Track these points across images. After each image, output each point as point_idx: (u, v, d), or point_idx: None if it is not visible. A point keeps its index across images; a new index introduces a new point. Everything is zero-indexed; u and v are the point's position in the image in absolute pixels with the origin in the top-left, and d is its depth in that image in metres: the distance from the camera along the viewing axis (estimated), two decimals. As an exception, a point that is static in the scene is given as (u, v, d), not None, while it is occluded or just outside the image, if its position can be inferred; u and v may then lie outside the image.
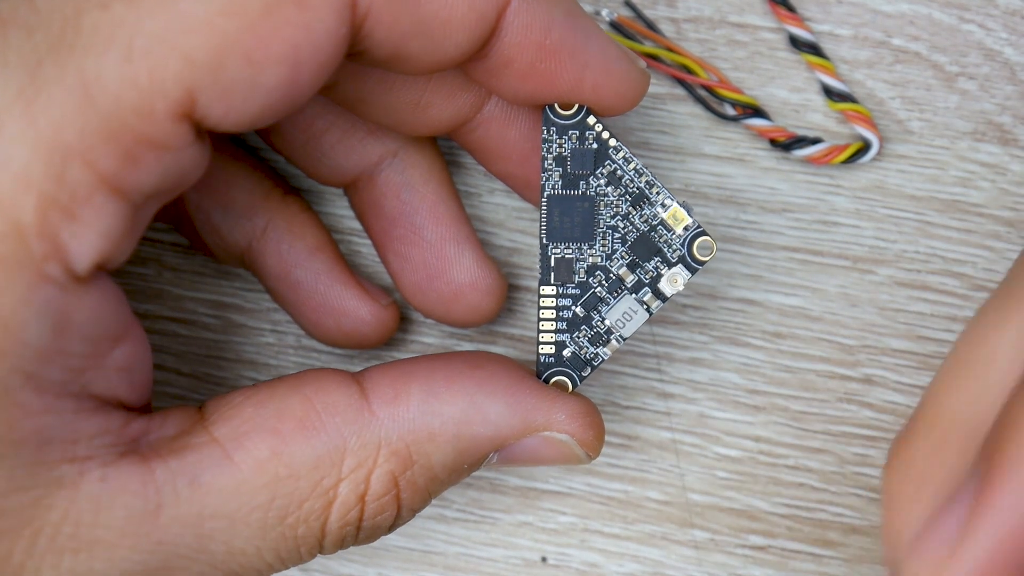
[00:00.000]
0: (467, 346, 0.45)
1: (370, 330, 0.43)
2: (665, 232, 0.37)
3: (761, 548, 0.44)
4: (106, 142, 0.30)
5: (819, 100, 0.44)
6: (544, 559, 0.45)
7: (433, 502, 0.41)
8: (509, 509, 0.45)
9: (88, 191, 0.30)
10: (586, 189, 0.37)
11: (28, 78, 0.30)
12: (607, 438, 0.44)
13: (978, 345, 0.31)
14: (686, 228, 0.37)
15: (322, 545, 0.36)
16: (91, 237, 0.31)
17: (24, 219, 0.30)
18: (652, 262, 0.37)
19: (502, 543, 0.45)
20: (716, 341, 0.44)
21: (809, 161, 0.44)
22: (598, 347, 0.38)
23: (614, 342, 0.38)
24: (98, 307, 0.32)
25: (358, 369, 0.38)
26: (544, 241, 0.38)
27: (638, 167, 0.37)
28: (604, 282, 0.38)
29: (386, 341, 0.43)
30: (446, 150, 0.44)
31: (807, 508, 0.44)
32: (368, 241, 0.44)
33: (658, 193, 0.37)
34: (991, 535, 0.28)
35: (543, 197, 0.38)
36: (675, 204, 0.37)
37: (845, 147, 0.43)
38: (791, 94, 0.44)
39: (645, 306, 0.38)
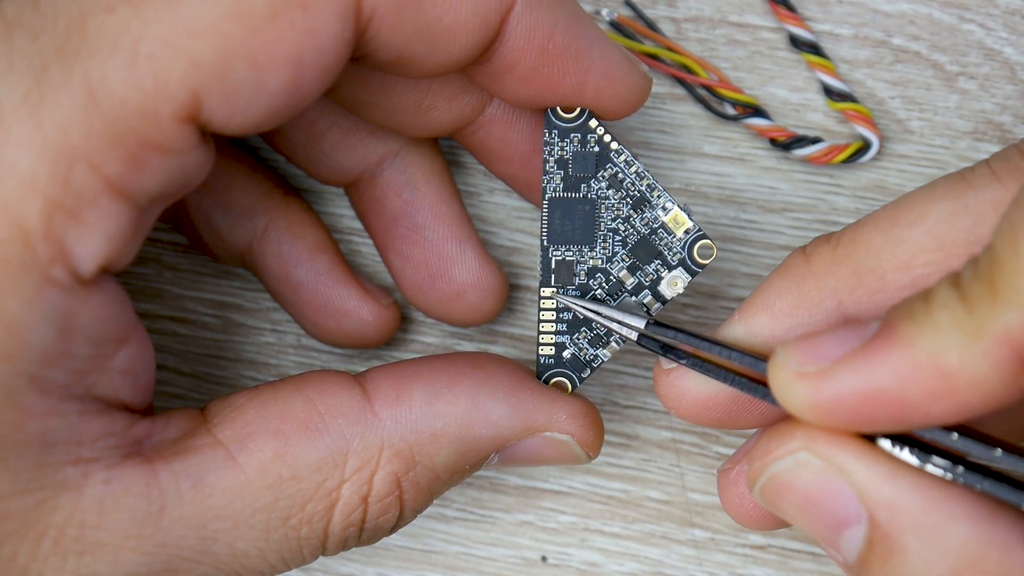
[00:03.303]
0: (468, 346, 0.45)
1: (371, 330, 0.43)
2: (666, 235, 0.37)
3: (761, 547, 0.44)
4: (111, 145, 0.30)
5: (819, 99, 0.44)
6: (544, 558, 0.45)
7: (434, 501, 0.41)
8: (509, 508, 0.45)
9: (93, 194, 0.30)
10: (587, 192, 0.38)
11: (34, 81, 0.30)
12: (607, 437, 0.44)
13: (908, 207, 0.33)
14: (687, 231, 0.37)
15: (325, 546, 0.36)
16: (96, 240, 0.31)
17: (30, 222, 0.30)
18: (652, 265, 0.38)
19: (502, 542, 0.45)
20: (716, 340, 0.44)
21: (809, 160, 0.44)
22: (598, 349, 0.38)
23: (614, 344, 0.38)
24: (102, 310, 0.32)
25: (359, 369, 0.38)
26: (545, 243, 0.38)
27: (639, 170, 0.37)
28: (604, 284, 0.38)
29: (387, 341, 0.43)
30: (447, 150, 0.44)
31: (807, 507, 0.44)
32: (369, 241, 0.44)
33: (659, 196, 0.37)
34: (871, 375, 0.29)
35: (544, 199, 0.38)
36: (676, 208, 0.37)
37: (845, 146, 0.43)
38: (791, 93, 0.44)
39: (645, 308, 0.38)
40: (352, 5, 0.32)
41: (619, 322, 0.37)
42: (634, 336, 0.36)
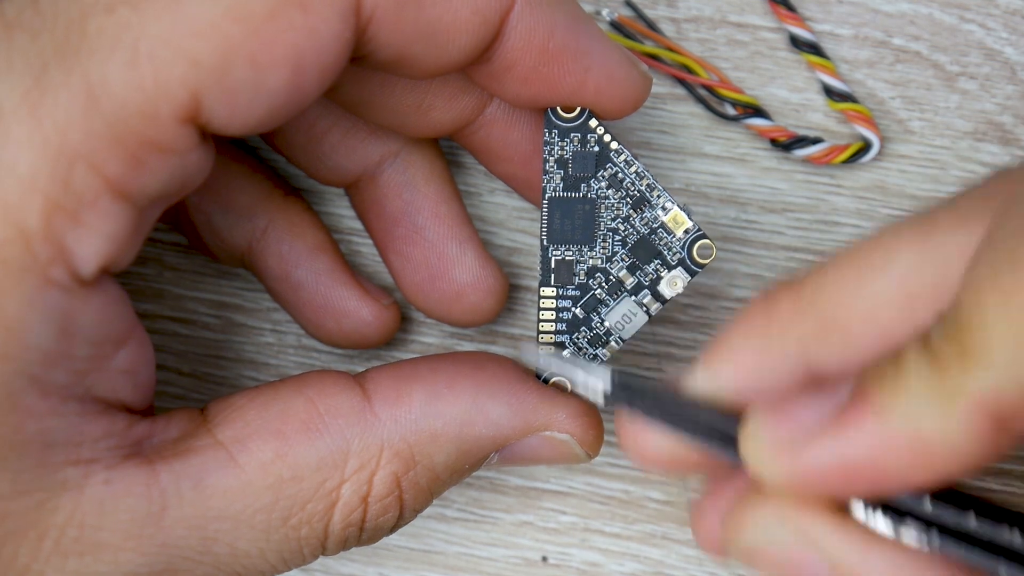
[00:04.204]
0: (468, 346, 0.45)
1: (371, 330, 0.43)
2: (665, 235, 0.37)
3: (761, 547, 0.44)
4: (111, 146, 0.30)
5: (820, 100, 0.44)
6: (545, 559, 0.45)
7: (434, 502, 0.41)
8: (510, 509, 0.45)
9: (93, 195, 0.30)
10: (587, 191, 0.38)
11: (33, 82, 0.30)
12: (608, 438, 0.44)
13: (872, 253, 0.32)
14: (686, 231, 0.37)
15: (325, 546, 0.36)
16: (96, 241, 0.31)
17: (30, 223, 0.30)
18: (652, 265, 0.38)
19: (503, 543, 0.45)
20: (716, 340, 0.44)
21: (810, 161, 0.44)
22: (597, 348, 0.38)
23: (613, 343, 0.38)
24: (102, 310, 0.32)
25: (360, 369, 0.38)
26: (545, 243, 0.38)
27: (639, 170, 0.37)
28: (604, 284, 0.38)
29: (387, 341, 0.43)
30: (447, 150, 0.44)
31: (807, 507, 0.44)
32: (369, 241, 0.44)
33: (659, 196, 0.37)
34: (846, 447, 0.29)
35: (544, 199, 0.38)
36: (676, 207, 0.37)
37: (846, 147, 0.43)
38: (792, 94, 0.44)
39: (644, 308, 0.38)
40: (352, 5, 0.32)
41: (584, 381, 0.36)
42: (600, 400, 0.35)
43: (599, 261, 0.38)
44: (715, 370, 0.34)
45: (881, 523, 0.30)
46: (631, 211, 0.38)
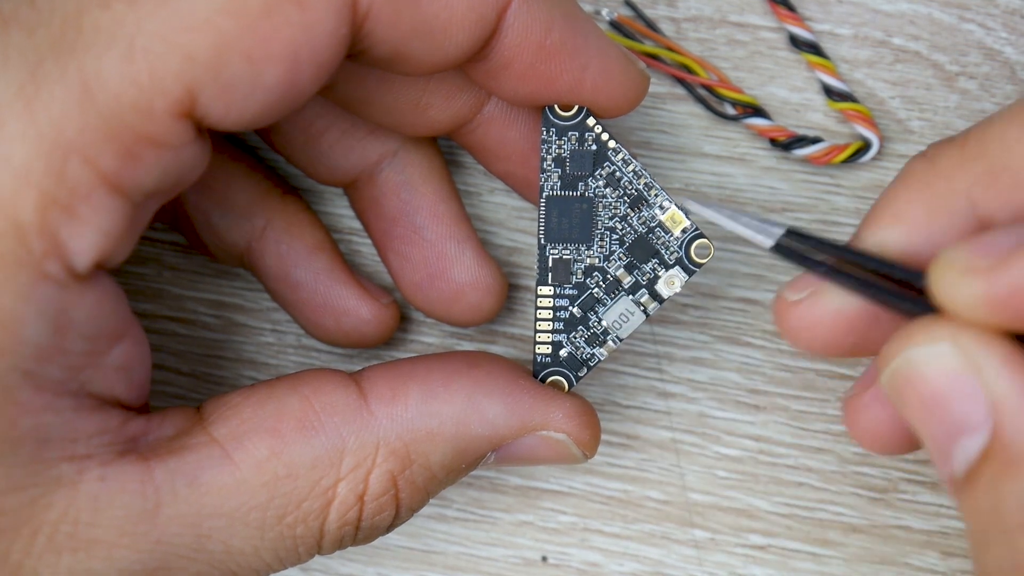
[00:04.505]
0: (467, 345, 0.45)
1: (370, 329, 0.43)
2: (663, 234, 0.37)
3: (761, 547, 0.44)
4: (106, 140, 0.30)
5: (819, 99, 0.44)
6: (544, 558, 0.45)
7: (433, 501, 0.41)
8: (509, 508, 0.45)
9: (88, 189, 0.30)
10: (585, 190, 0.38)
11: (29, 76, 0.30)
12: (607, 437, 0.44)
13: None
14: (684, 230, 0.37)
15: (320, 545, 0.36)
16: (91, 235, 0.31)
17: (24, 217, 0.30)
18: (650, 264, 0.37)
19: (502, 542, 0.45)
20: (716, 340, 0.44)
21: (809, 160, 0.44)
22: (595, 348, 0.38)
23: (611, 343, 0.38)
24: (97, 305, 0.32)
25: (358, 369, 0.38)
26: (542, 242, 0.38)
27: (637, 169, 0.37)
28: (601, 283, 0.38)
29: (386, 340, 0.43)
30: (446, 149, 0.44)
31: (807, 507, 0.44)
32: (368, 241, 0.44)
33: (656, 195, 0.37)
34: None
35: (542, 198, 0.38)
36: (673, 206, 0.37)
37: (845, 146, 0.43)
38: (791, 93, 0.44)
39: (642, 307, 0.38)
40: (348, 0, 0.32)
41: (754, 231, 0.34)
42: (770, 243, 0.33)
43: (597, 260, 0.38)
44: (882, 232, 0.33)
45: None
46: (629, 210, 0.38)
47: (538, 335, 0.38)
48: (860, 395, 0.35)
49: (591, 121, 0.37)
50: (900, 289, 0.31)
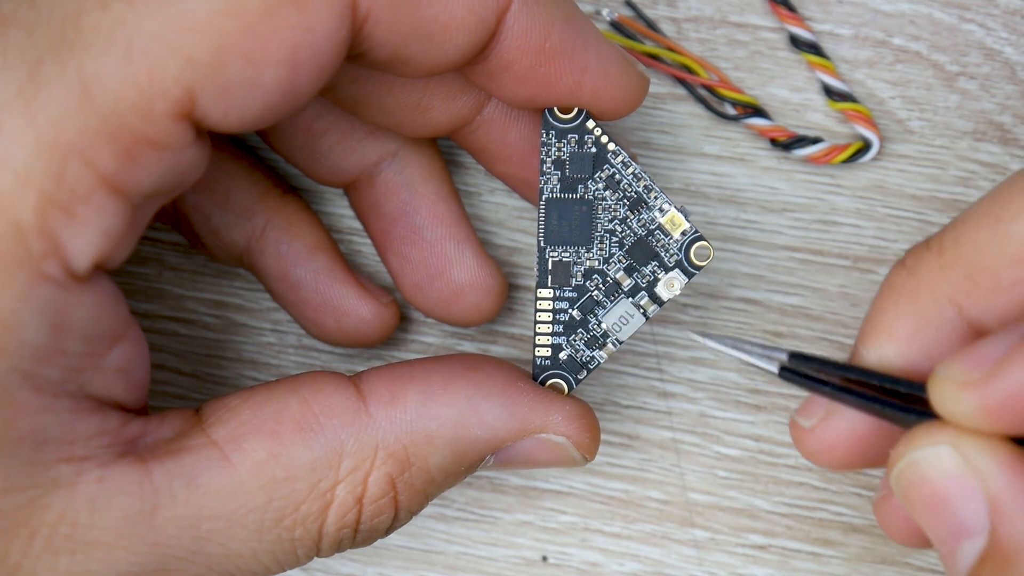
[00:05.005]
0: (468, 345, 0.45)
1: (370, 328, 0.43)
2: (662, 237, 0.37)
3: (761, 547, 0.44)
4: (106, 141, 0.30)
5: (819, 99, 0.44)
6: (545, 558, 0.45)
7: (433, 501, 0.41)
8: (510, 508, 0.45)
9: (87, 190, 0.30)
10: (584, 193, 0.38)
11: (28, 77, 0.30)
12: (608, 437, 0.44)
13: (1009, 198, 0.32)
14: (683, 233, 0.37)
15: (319, 547, 0.36)
16: (90, 236, 0.31)
17: (23, 218, 0.30)
18: (649, 266, 0.37)
19: (503, 542, 0.45)
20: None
21: (809, 160, 0.44)
22: (594, 350, 0.38)
23: (610, 345, 0.38)
24: (96, 307, 0.32)
25: (359, 369, 0.38)
26: (542, 244, 0.38)
27: (636, 171, 0.37)
28: (601, 286, 0.38)
29: (386, 339, 0.43)
30: (446, 149, 0.44)
31: (807, 507, 0.44)
32: (368, 241, 0.44)
33: (656, 198, 0.37)
34: None
35: (541, 200, 0.38)
36: (673, 209, 0.37)
37: (845, 146, 0.43)
38: (791, 94, 0.44)
39: (642, 310, 0.38)
40: (348, 3, 0.32)
41: (760, 357, 0.34)
42: (775, 369, 0.34)
43: (596, 263, 0.38)
44: (879, 350, 0.34)
45: None
46: (628, 212, 0.38)
47: (538, 338, 0.38)
48: (889, 497, 0.35)
49: (590, 124, 0.37)
50: (905, 402, 0.32)
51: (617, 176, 0.37)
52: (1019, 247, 0.31)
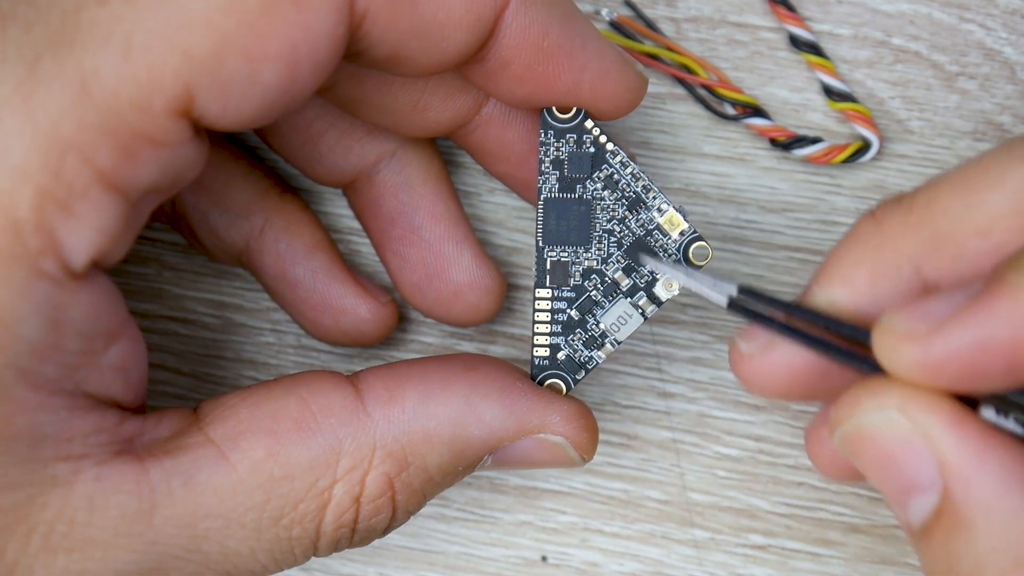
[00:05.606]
0: (467, 345, 0.45)
1: (369, 328, 0.43)
2: (661, 237, 0.37)
3: (761, 547, 0.44)
4: (104, 137, 0.30)
5: (819, 99, 0.44)
6: (544, 558, 0.45)
7: (433, 501, 0.41)
8: (509, 508, 0.45)
9: (85, 186, 0.30)
10: (583, 193, 0.37)
11: (26, 72, 0.30)
12: (607, 437, 0.44)
13: (986, 170, 0.32)
14: (682, 233, 0.37)
15: (317, 547, 0.36)
16: (87, 232, 0.31)
17: (20, 213, 0.30)
18: (648, 266, 0.37)
19: (502, 542, 0.45)
20: (716, 340, 0.44)
21: (809, 160, 0.44)
22: (593, 350, 0.38)
23: (609, 345, 0.38)
24: (94, 304, 0.32)
25: (358, 369, 0.38)
26: (540, 244, 0.38)
27: (635, 171, 0.37)
28: (599, 286, 0.38)
29: (385, 339, 0.43)
30: (444, 150, 0.44)
31: (807, 507, 0.44)
32: (367, 241, 0.44)
33: (654, 198, 0.37)
34: (982, 327, 0.28)
35: (540, 200, 0.38)
36: (671, 209, 0.37)
37: (845, 146, 0.43)
38: (791, 93, 0.44)
39: (640, 310, 0.38)
40: (346, 1, 0.32)
41: (709, 288, 0.35)
42: (724, 303, 0.34)
43: (595, 262, 0.38)
44: (831, 292, 0.33)
45: (1012, 424, 0.29)
46: (627, 212, 0.38)
47: (536, 338, 0.38)
48: (820, 429, 0.35)
49: (589, 123, 0.37)
50: (849, 346, 0.32)
51: (615, 176, 0.37)
52: (987, 220, 0.31)
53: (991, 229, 0.31)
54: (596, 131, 0.37)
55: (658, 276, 0.37)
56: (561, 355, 0.38)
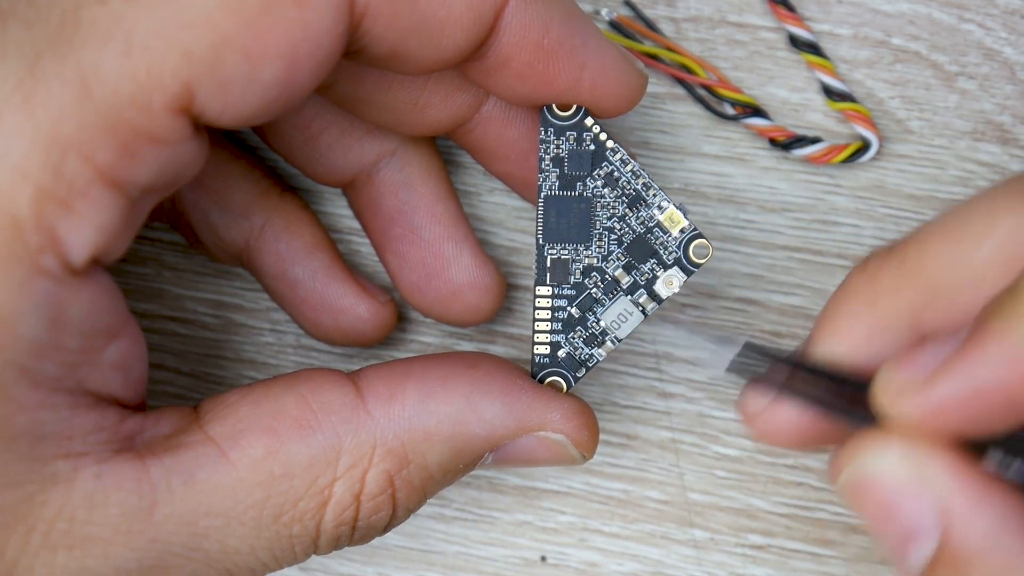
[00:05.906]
0: (466, 345, 0.45)
1: (368, 327, 0.43)
2: (661, 234, 0.37)
3: (761, 547, 0.44)
4: (104, 135, 0.30)
5: (819, 99, 0.44)
6: (544, 558, 0.45)
7: (432, 501, 0.41)
8: (508, 508, 0.45)
9: (85, 184, 0.31)
10: (583, 190, 0.37)
11: (27, 71, 0.30)
12: (607, 437, 0.44)
13: (975, 217, 0.32)
14: (682, 230, 0.37)
15: (317, 544, 0.36)
16: (87, 230, 0.31)
17: (21, 211, 0.30)
18: (648, 264, 0.37)
19: (501, 542, 0.45)
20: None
21: (809, 160, 0.44)
22: (593, 348, 0.38)
23: (609, 343, 0.38)
24: (94, 301, 0.32)
25: (357, 368, 0.38)
26: (540, 242, 0.38)
27: (635, 169, 0.37)
28: (600, 283, 0.38)
29: (384, 339, 0.43)
30: (444, 149, 0.44)
31: (806, 507, 0.44)
32: (367, 240, 0.44)
33: (655, 195, 0.37)
34: (973, 374, 0.29)
35: (540, 198, 0.38)
36: (671, 206, 0.37)
37: (845, 146, 0.43)
38: (791, 93, 0.44)
39: (640, 308, 0.38)
40: None
41: (709, 352, 0.35)
42: (722, 369, 0.35)
43: (595, 260, 0.38)
44: (830, 345, 0.34)
45: (1012, 472, 0.30)
46: (627, 210, 0.37)
47: (536, 335, 0.38)
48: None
49: (589, 121, 0.37)
50: (851, 400, 0.32)
51: (616, 173, 0.37)
52: (979, 271, 0.32)
53: (983, 278, 0.32)
54: (596, 129, 0.37)
55: (658, 274, 0.38)
56: (561, 353, 0.38)
